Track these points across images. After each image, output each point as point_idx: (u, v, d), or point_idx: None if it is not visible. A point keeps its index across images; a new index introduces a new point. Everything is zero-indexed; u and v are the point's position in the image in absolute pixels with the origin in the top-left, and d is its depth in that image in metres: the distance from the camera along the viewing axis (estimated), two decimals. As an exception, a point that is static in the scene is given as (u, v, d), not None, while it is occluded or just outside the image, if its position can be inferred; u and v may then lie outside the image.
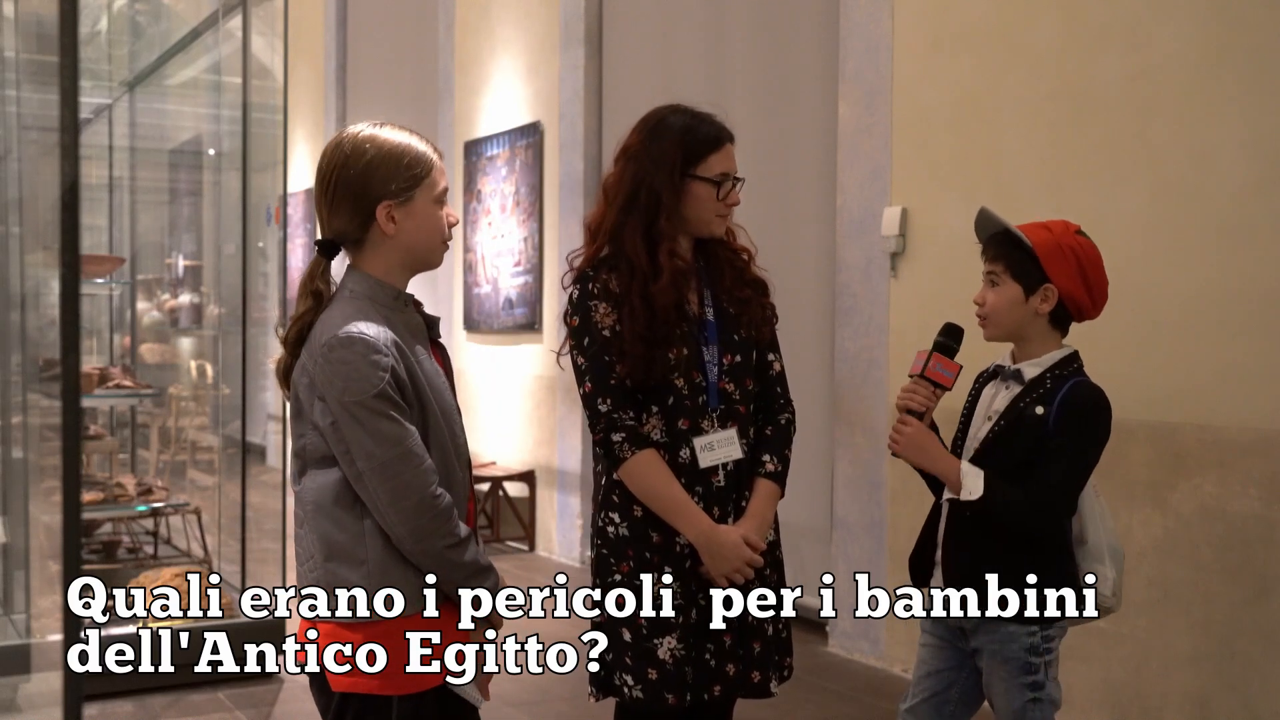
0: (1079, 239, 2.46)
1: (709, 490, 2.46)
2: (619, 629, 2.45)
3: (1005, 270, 2.46)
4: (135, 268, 7.80)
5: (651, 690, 2.41)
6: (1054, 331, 2.49)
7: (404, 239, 2.11)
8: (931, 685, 2.59)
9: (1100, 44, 3.97)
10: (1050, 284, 2.43)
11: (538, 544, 7.45)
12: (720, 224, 2.51)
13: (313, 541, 2.09)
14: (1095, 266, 2.46)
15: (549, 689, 4.53)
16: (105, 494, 5.25)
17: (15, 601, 4.49)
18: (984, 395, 2.56)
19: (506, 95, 7.83)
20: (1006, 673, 2.46)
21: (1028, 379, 2.46)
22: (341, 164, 2.08)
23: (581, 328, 2.45)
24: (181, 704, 4.38)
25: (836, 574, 5.06)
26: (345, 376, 1.99)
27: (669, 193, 2.44)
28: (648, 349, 2.40)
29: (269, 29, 5.46)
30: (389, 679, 2.04)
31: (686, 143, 2.45)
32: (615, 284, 2.44)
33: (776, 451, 2.54)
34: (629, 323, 2.41)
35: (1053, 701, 2.49)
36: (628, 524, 2.46)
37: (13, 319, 4.48)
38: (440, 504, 2.04)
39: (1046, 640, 2.47)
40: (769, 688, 2.50)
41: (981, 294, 2.51)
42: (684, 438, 2.44)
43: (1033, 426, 2.41)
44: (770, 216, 5.54)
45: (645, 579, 2.43)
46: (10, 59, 4.52)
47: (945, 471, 2.45)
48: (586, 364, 2.44)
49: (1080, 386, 2.43)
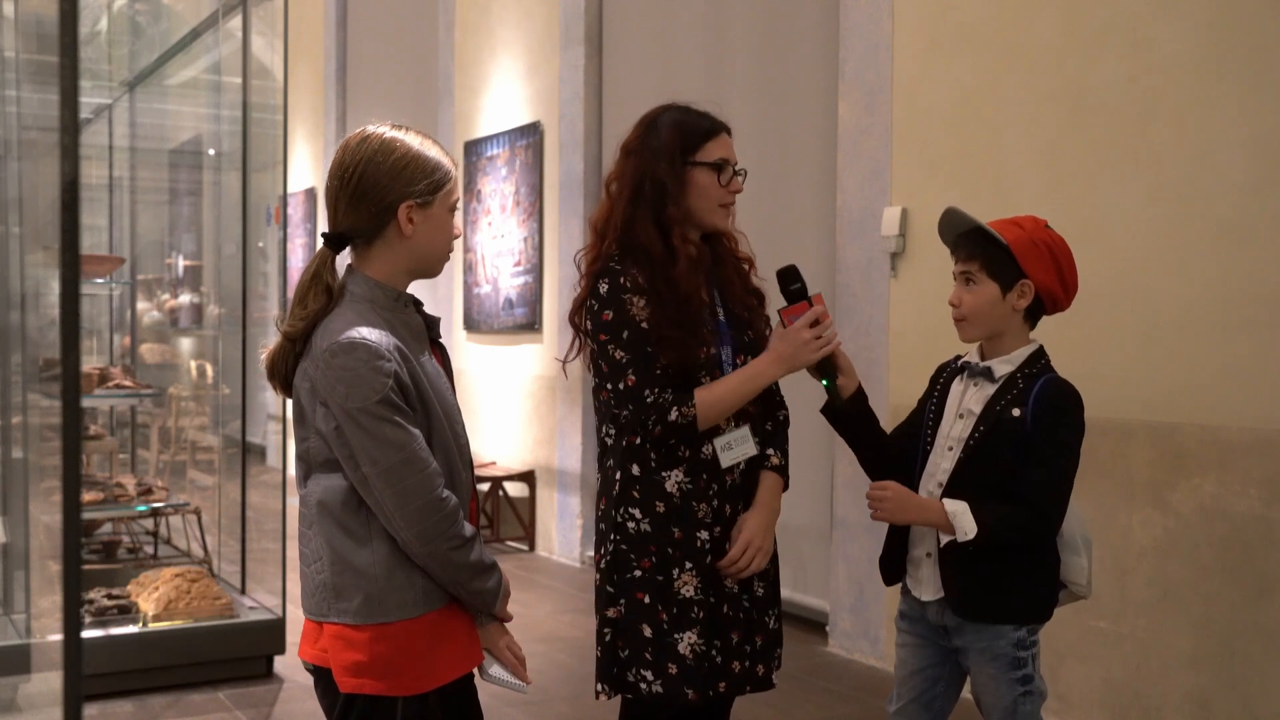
0: (1050, 233, 2.49)
1: (724, 488, 2.49)
2: (639, 625, 2.45)
3: (981, 268, 2.47)
4: (135, 268, 7.81)
5: (672, 685, 2.43)
6: (1025, 326, 2.52)
7: (417, 242, 2.12)
8: (918, 684, 2.60)
9: (1100, 44, 3.97)
10: (1027, 279, 2.45)
11: (538, 544, 7.45)
12: (723, 215, 2.53)
13: (320, 544, 2.09)
14: (1068, 259, 2.49)
15: (549, 689, 4.54)
16: (105, 494, 5.25)
17: (15, 601, 4.49)
18: (953, 391, 2.56)
19: (506, 95, 7.83)
20: (995, 670, 2.47)
21: (999, 377, 2.48)
22: (368, 159, 2.08)
23: (617, 321, 2.44)
24: (181, 704, 4.38)
25: (836, 574, 5.06)
26: (348, 382, 1.99)
27: (673, 181, 2.46)
28: (684, 334, 2.42)
29: (269, 29, 5.46)
30: (394, 680, 2.05)
31: (683, 131, 2.49)
32: (642, 277, 2.46)
33: (780, 446, 2.60)
34: (659, 311, 2.43)
35: (1041, 694, 2.51)
36: (650, 520, 2.46)
37: (13, 319, 4.48)
38: (446, 506, 2.05)
39: (1032, 634, 2.49)
40: (770, 679, 2.56)
41: (957, 294, 2.51)
42: (705, 436, 2.47)
43: (1012, 430, 2.42)
44: (770, 216, 5.54)
45: (667, 574, 2.45)
46: (10, 59, 4.52)
47: (932, 521, 2.44)
48: (629, 356, 2.43)
49: (1051, 384, 2.45)
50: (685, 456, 2.46)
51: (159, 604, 4.61)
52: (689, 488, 2.46)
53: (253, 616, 4.78)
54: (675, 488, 2.46)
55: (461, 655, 2.15)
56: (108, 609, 4.63)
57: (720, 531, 2.49)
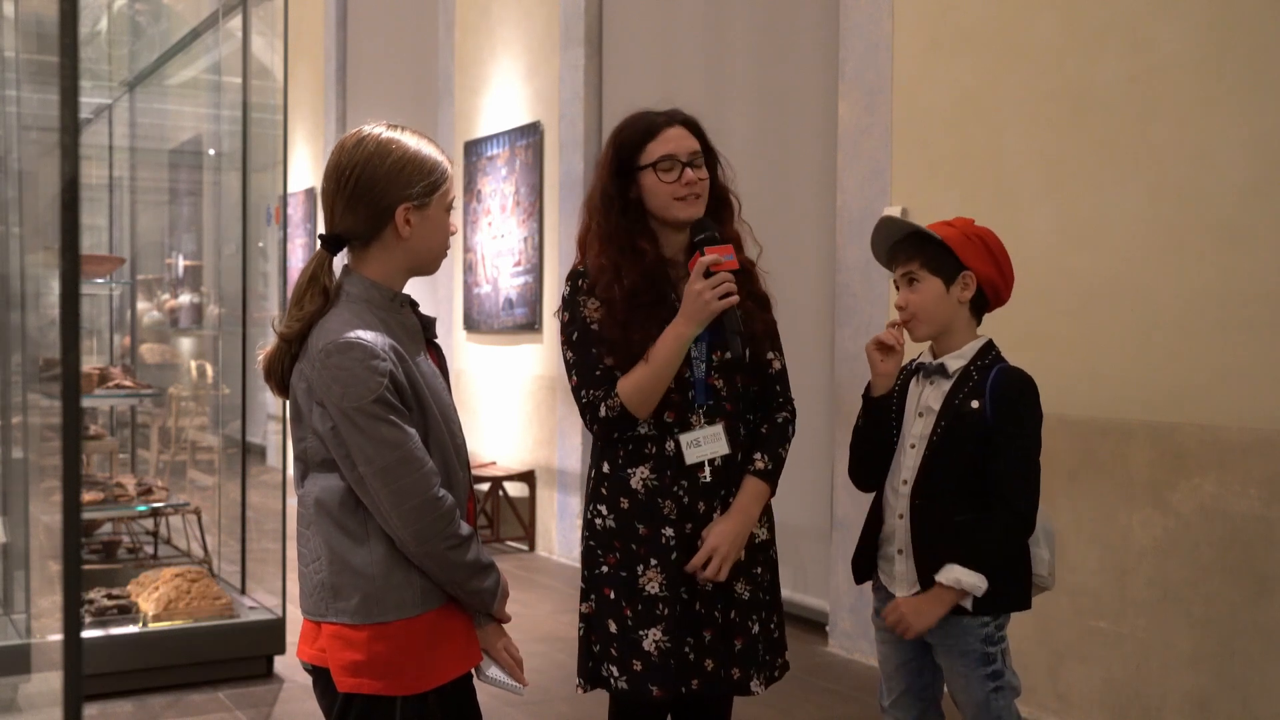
0: (981, 228, 2.56)
1: (695, 485, 2.48)
2: (606, 620, 2.49)
3: (922, 266, 2.53)
4: (135, 268, 7.80)
5: (637, 681, 2.45)
6: (972, 321, 2.57)
7: (414, 243, 2.13)
8: (904, 676, 2.64)
9: (1100, 44, 3.97)
10: (968, 270, 2.50)
11: (538, 544, 7.45)
12: (683, 207, 2.52)
13: (318, 544, 2.10)
14: (1001, 250, 2.56)
15: (549, 689, 4.54)
16: (105, 494, 5.25)
17: (15, 601, 4.49)
18: (910, 391, 2.60)
19: (506, 95, 7.83)
20: (965, 666, 2.49)
21: (952, 372, 2.52)
22: (364, 162, 2.09)
23: (570, 323, 2.54)
24: (181, 704, 4.38)
25: (836, 574, 5.06)
26: (344, 382, 2.00)
27: (619, 192, 2.53)
28: (627, 334, 2.45)
29: (269, 29, 5.46)
30: (393, 679, 2.05)
31: (620, 143, 2.55)
32: (601, 281, 2.52)
33: (770, 450, 2.55)
34: (608, 311, 2.48)
35: (1012, 688, 2.54)
36: (614, 516, 2.49)
37: (13, 319, 4.47)
38: (442, 506, 2.05)
39: (999, 629, 2.52)
40: (748, 685, 2.51)
41: (903, 297, 2.56)
42: (669, 430, 2.48)
43: (972, 422, 2.46)
44: (770, 216, 5.54)
45: (632, 571, 2.46)
46: (10, 59, 4.52)
47: (950, 601, 2.45)
48: (574, 357, 2.52)
49: (1004, 373, 2.49)
50: (651, 454, 2.48)
51: (159, 604, 4.61)
52: (654, 484, 2.47)
53: (253, 616, 4.78)
54: (640, 484, 2.48)
55: (460, 655, 2.15)
56: (108, 609, 4.63)
57: (692, 529, 2.48)
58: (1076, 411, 3.94)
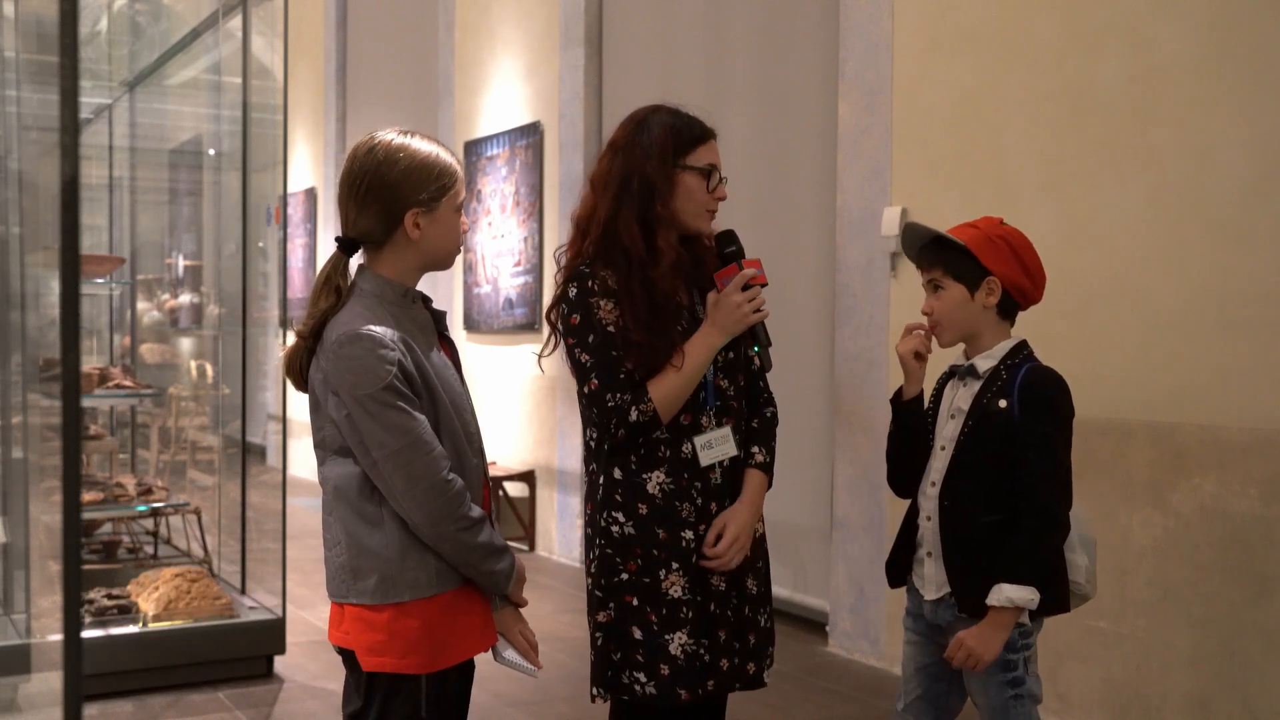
0: (1007, 228, 2.52)
1: (707, 486, 2.49)
2: (629, 628, 2.47)
3: (945, 273, 2.50)
4: (135, 268, 7.80)
5: (664, 686, 2.44)
6: (1002, 323, 2.54)
7: (426, 244, 2.23)
8: (922, 681, 2.61)
9: (1100, 44, 3.97)
10: (992, 276, 2.48)
11: (538, 544, 7.45)
12: (707, 220, 2.54)
13: (338, 528, 2.20)
14: (1028, 250, 2.51)
15: (549, 689, 4.54)
16: (105, 494, 5.25)
17: (15, 601, 4.49)
18: (945, 395, 2.60)
19: (506, 95, 7.83)
20: (985, 671, 2.46)
21: (982, 372, 2.50)
22: (375, 169, 2.19)
23: (584, 325, 2.46)
24: (181, 704, 4.38)
25: (836, 574, 5.06)
26: (355, 371, 2.11)
27: (662, 180, 2.46)
28: (652, 338, 2.42)
29: (269, 29, 5.46)
30: (414, 658, 2.16)
31: (675, 133, 2.49)
32: (613, 280, 2.46)
33: (765, 443, 2.58)
34: (631, 314, 2.43)
35: (1033, 697, 2.49)
36: (633, 523, 2.47)
37: (13, 319, 4.47)
38: (451, 488, 2.14)
39: (1024, 635, 2.47)
40: (762, 678, 2.56)
41: (928, 303, 2.55)
42: (685, 433, 2.47)
43: (1000, 421, 2.44)
44: (770, 216, 5.54)
45: (654, 576, 2.45)
46: (10, 59, 4.52)
47: (1008, 622, 2.40)
48: (593, 360, 2.45)
49: (1033, 372, 2.47)
50: (665, 457, 2.46)
51: (159, 604, 4.61)
52: (670, 488, 2.46)
53: (253, 616, 4.78)
54: (657, 489, 2.46)
55: (477, 635, 2.25)
56: (108, 609, 4.63)
57: (705, 530, 2.49)
58: (1076, 411, 3.94)
